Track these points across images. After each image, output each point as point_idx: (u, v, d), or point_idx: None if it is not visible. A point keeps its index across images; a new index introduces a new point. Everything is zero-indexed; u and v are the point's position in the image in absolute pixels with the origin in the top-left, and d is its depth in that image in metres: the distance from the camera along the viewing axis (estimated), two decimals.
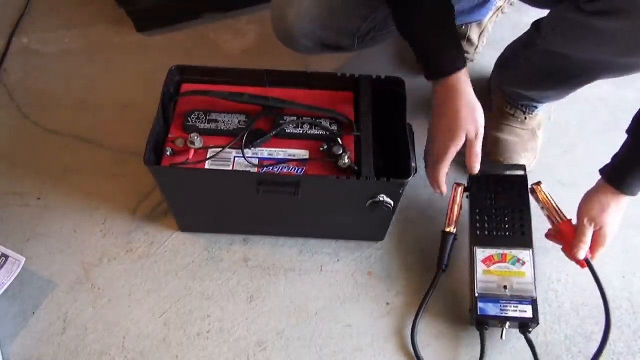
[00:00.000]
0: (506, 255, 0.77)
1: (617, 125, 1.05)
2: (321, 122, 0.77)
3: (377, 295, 0.83)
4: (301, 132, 0.76)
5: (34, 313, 0.80)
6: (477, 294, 0.75)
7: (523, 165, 0.86)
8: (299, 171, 0.73)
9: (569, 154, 1.00)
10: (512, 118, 0.94)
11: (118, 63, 1.12)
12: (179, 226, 0.88)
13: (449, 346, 0.79)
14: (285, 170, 0.73)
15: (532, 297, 0.74)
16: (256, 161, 0.73)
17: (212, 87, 0.79)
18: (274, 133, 0.75)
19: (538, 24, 0.80)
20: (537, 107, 0.94)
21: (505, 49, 0.96)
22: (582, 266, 0.75)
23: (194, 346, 0.78)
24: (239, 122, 0.76)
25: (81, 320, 0.80)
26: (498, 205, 0.81)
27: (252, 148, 0.74)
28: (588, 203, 0.74)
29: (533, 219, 0.80)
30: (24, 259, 0.80)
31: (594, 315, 0.82)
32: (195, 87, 0.79)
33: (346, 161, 0.71)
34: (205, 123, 0.76)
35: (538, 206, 0.81)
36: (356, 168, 0.72)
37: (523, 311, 0.73)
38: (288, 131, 0.76)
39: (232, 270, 0.85)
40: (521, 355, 0.78)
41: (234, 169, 0.73)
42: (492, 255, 0.77)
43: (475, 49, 1.07)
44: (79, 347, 0.77)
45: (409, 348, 0.78)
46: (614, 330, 0.80)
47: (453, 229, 0.81)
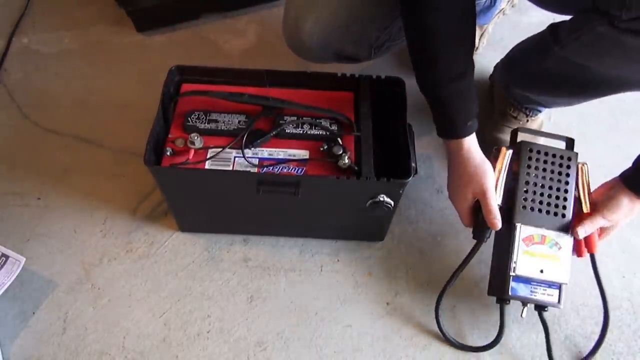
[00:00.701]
0: (545, 237, 0.74)
1: (617, 125, 1.06)
2: (321, 122, 0.77)
3: (377, 295, 0.83)
4: (301, 132, 0.76)
5: (34, 313, 0.80)
6: (513, 274, 0.73)
7: (572, 139, 0.82)
8: (299, 171, 0.73)
9: None
10: (514, 120, 0.94)
11: (118, 63, 1.12)
12: (179, 226, 0.88)
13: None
14: (285, 170, 0.73)
15: (562, 283, 0.73)
16: (256, 161, 0.73)
17: (212, 87, 0.79)
18: (274, 133, 0.75)
19: (556, 30, 0.75)
20: (541, 111, 0.94)
21: (512, 50, 0.92)
22: (580, 255, 0.75)
23: (194, 346, 0.78)
24: (239, 122, 0.76)
25: (81, 320, 0.80)
26: (545, 182, 0.76)
27: (252, 148, 0.74)
28: (609, 201, 0.73)
29: None
30: (24, 259, 0.80)
31: (594, 315, 0.82)
32: (195, 87, 0.79)
33: (346, 161, 0.71)
34: (205, 123, 0.76)
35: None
36: (356, 168, 0.72)
37: (550, 295, 0.73)
38: (288, 131, 0.76)
39: (232, 270, 0.85)
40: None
41: (234, 169, 0.73)
42: (533, 235, 0.74)
43: (475, 50, 1.07)
44: (79, 347, 0.77)
45: (409, 348, 0.78)
46: (614, 330, 0.81)
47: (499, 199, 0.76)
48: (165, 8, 1.13)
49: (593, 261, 0.76)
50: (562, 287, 0.73)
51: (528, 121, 0.94)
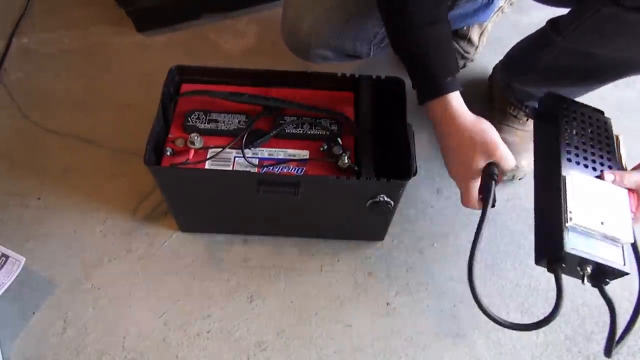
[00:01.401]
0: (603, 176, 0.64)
1: (617, 125, 1.05)
2: (321, 122, 0.77)
3: (377, 295, 0.83)
4: (301, 132, 0.76)
5: (34, 313, 0.80)
6: (569, 224, 0.60)
7: (603, 112, 0.74)
8: (299, 171, 0.73)
9: None
10: (514, 119, 0.94)
11: (118, 63, 1.12)
12: (179, 226, 0.88)
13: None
14: (285, 170, 0.73)
15: (625, 242, 0.61)
16: (256, 161, 0.73)
17: (212, 87, 0.79)
18: (274, 133, 0.75)
19: (556, 23, 0.75)
20: None
21: (512, 49, 0.93)
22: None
23: (194, 346, 0.78)
24: (239, 122, 0.76)
25: (81, 320, 0.80)
26: (586, 137, 0.68)
27: (252, 148, 0.74)
28: None
29: None
30: (24, 259, 0.80)
31: (594, 315, 0.82)
32: (195, 87, 0.79)
33: (346, 161, 0.71)
34: (205, 123, 0.76)
35: None
36: (356, 168, 0.72)
37: (615, 255, 0.60)
38: (288, 131, 0.76)
39: (232, 270, 0.85)
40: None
41: (234, 169, 0.73)
42: (584, 184, 0.63)
43: (475, 49, 1.07)
44: (79, 347, 0.77)
45: (409, 348, 0.78)
46: None
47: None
48: (165, 8, 1.13)
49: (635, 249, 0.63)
50: (625, 249, 0.60)
51: (528, 120, 0.94)
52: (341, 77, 0.80)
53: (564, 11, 0.73)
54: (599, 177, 0.64)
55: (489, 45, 1.10)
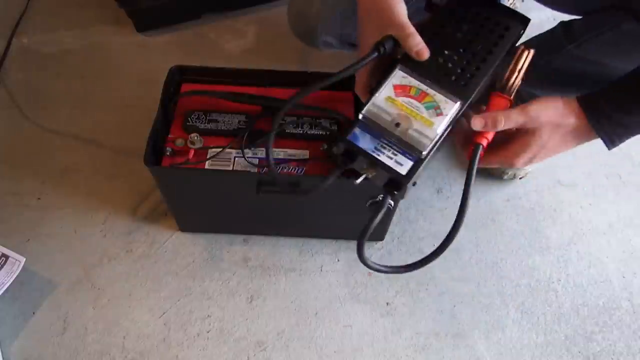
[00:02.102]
0: (426, 95, 0.56)
1: None
2: (321, 122, 0.77)
3: (377, 295, 0.83)
4: (301, 132, 0.76)
5: (34, 313, 0.80)
6: (362, 116, 0.56)
7: (528, 19, 0.66)
8: (299, 171, 0.73)
9: (569, 154, 1.00)
10: None
11: (118, 63, 1.12)
12: (179, 226, 0.88)
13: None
14: (285, 170, 0.73)
15: (421, 154, 0.54)
16: (256, 161, 0.73)
17: (212, 87, 0.79)
18: (274, 133, 0.75)
19: (568, 28, 0.72)
20: None
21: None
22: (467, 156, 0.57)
23: (194, 346, 0.78)
24: (239, 122, 0.76)
25: (81, 320, 0.80)
26: (461, 39, 0.59)
27: (252, 148, 0.74)
28: (539, 100, 0.57)
29: None
30: (24, 259, 0.80)
31: (594, 315, 0.82)
32: (195, 87, 0.79)
33: None
34: (205, 123, 0.76)
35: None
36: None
37: (399, 163, 0.54)
38: (288, 131, 0.76)
39: (232, 270, 0.85)
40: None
41: (234, 169, 0.73)
42: (411, 87, 0.56)
43: None
44: (79, 347, 0.77)
45: (409, 348, 0.78)
46: (614, 330, 0.81)
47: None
48: (165, 8, 1.13)
49: (474, 154, 0.55)
50: (420, 163, 0.54)
51: None
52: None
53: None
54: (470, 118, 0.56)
55: None
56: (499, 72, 0.58)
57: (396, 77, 0.57)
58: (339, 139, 0.57)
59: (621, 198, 0.95)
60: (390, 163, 0.55)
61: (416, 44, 0.55)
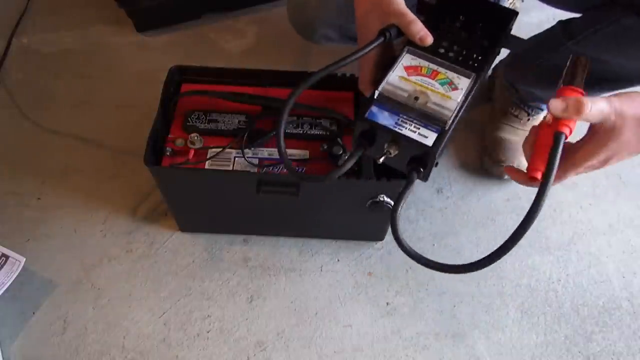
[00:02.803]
0: (438, 73, 0.56)
1: None
2: (321, 122, 0.77)
3: (377, 295, 0.83)
4: (301, 132, 0.76)
5: (34, 313, 0.80)
6: (377, 94, 0.54)
7: (516, 12, 0.63)
8: (299, 171, 0.73)
9: None
10: (515, 119, 0.94)
11: (118, 63, 1.12)
12: (179, 226, 0.88)
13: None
14: (285, 170, 0.73)
15: (445, 125, 0.53)
16: (256, 161, 0.73)
17: (212, 87, 0.79)
18: (274, 133, 0.75)
19: (567, 26, 0.72)
20: (543, 109, 0.94)
21: None
22: (533, 179, 0.52)
23: (194, 346, 0.78)
24: (239, 122, 0.76)
25: (81, 320, 0.80)
26: (460, 28, 0.60)
27: (252, 148, 0.74)
28: (621, 94, 0.51)
29: None
30: (24, 259, 0.80)
31: (594, 315, 0.82)
32: (195, 87, 0.79)
33: None
34: (205, 123, 0.76)
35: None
36: (356, 168, 0.72)
37: (423, 136, 0.52)
38: (288, 131, 0.76)
39: (232, 270, 0.85)
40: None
41: (234, 169, 0.73)
42: (422, 67, 0.56)
43: None
44: (79, 347, 0.77)
45: (409, 348, 0.78)
46: (614, 330, 0.81)
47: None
48: (165, 8, 1.13)
49: (556, 143, 0.48)
50: (444, 135, 0.52)
51: (529, 120, 0.94)
52: (341, 77, 0.80)
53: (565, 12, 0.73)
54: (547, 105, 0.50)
55: None
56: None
57: (405, 59, 0.57)
58: (358, 119, 0.55)
59: (621, 198, 0.95)
60: (414, 136, 0.52)
61: (418, 30, 0.55)
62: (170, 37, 1.16)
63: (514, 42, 0.61)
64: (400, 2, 0.56)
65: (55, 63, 1.11)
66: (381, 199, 0.73)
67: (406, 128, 0.53)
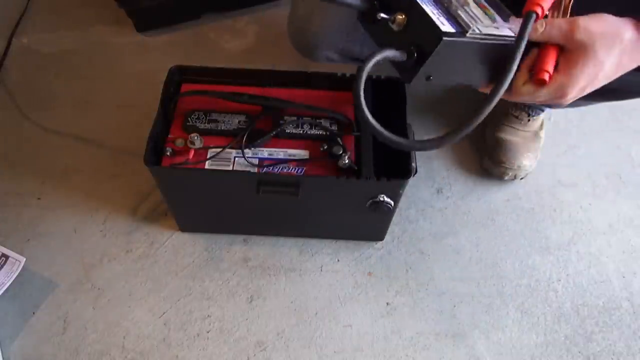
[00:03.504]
0: (486, 8, 0.52)
1: (617, 125, 1.06)
2: (321, 122, 0.77)
3: (377, 295, 0.83)
4: (301, 132, 0.76)
5: (34, 313, 0.80)
6: None
7: None
8: (299, 171, 0.73)
9: (569, 154, 1.00)
10: (515, 120, 0.94)
11: (118, 63, 1.12)
12: (179, 226, 0.88)
13: None
14: (285, 170, 0.73)
15: (467, 31, 0.48)
16: (256, 161, 0.73)
17: (212, 87, 0.79)
18: (274, 133, 0.75)
19: None
20: (543, 110, 0.94)
21: None
22: (540, 82, 0.51)
23: (194, 346, 0.78)
24: (239, 122, 0.76)
25: (81, 320, 0.80)
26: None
27: (252, 148, 0.74)
28: (590, 16, 0.49)
29: None
30: (24, 259, 0.80)
31: (594, 315, 0.82)
32: (195, 87, 0.79)
33: (346, 161, 0.71)
34: (205, 123, 0.76)
35: None
36: (356, 168, 0.72)
37: (441, 22, 0.47)
38: (288, 131, 0.76)
39: (232, 270, 0.85)
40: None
41: (234, 169, 0.73)
42: None
43: None
44: (79, 347, 0.77)
45: (409, 348, 0.78)
46: (614, 330, 0.81)
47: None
48: (165, 8, 1.13)
49: (525, 23, 0.47)
50: (461, 37, 0.48)
51: (529, 120, 0.94)
52: (341, 77, 0.80)
53: None
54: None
55: None
56: None
57: None
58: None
59: (621, 198, 0.95)
60: (432, 16, 0.47)
61: None
62: (170, 37, 1.16)
63: None
64: None
65: (55, 63, 1.11)
66: (381, 199, 0.73)
67: (428, 7, 0.48)
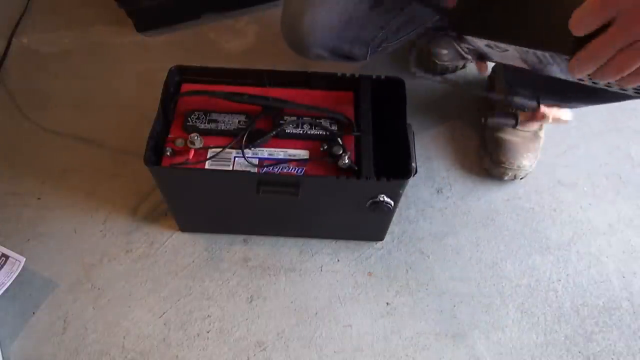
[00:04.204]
0: None
1: (617, 125, 1.06)
2: (321, 122, 0.77)
3: (377, 295, 0.83)
4: (301, 132, 0.76)
5: (34, 313, 0.80)
6: None
7: None
8: (299, 171, 0.73)
9: (569, 154, 1.00)
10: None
11: (118, 63, 1.12)
12: (179, 226, 0.88)
13: None
14: (285, 170, 0.73)
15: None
16: (256, 161, 0.73)
17: (212, 87, 0.79)
18: (274, 133, 0.75)
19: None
20: None
21: None
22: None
23: (194, 346, 0.78)
24: (239, 122, 0.76)
25: (81, 320, 0.80)
26: None
27: (252, 148, 0.74)
28: None
29: None
30: (24, 259, 0.80)
31: (594, 315, 0.82)
32: (195, 87, 0.79)
33: (346, 161, 0.71)
34: (205, 123, 0.76)
35: None
36: (356, 168, 0.72)
37: None
38: (288, 131, 0.76)
39: (232, 270, 0.85)
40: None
41: (234, 169, 0.73)
42: None
43: None
44: (79, 347, 0.77)
45: (409, 348, 0.78)
46: (614, 330, 0.81)
47: None
48: (165, 8, 1.13)
49: None
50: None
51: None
52: (341, 77, 0.80)
53: None
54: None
55: None
56: None
57: None
58: None
59: (621, 198, 0.95)
60: None
61: None
62: (170, 37, 1.16)
63: None
64: None
65: (55, 63, 1.11)
66: (381, 199, 0.73)
67: None
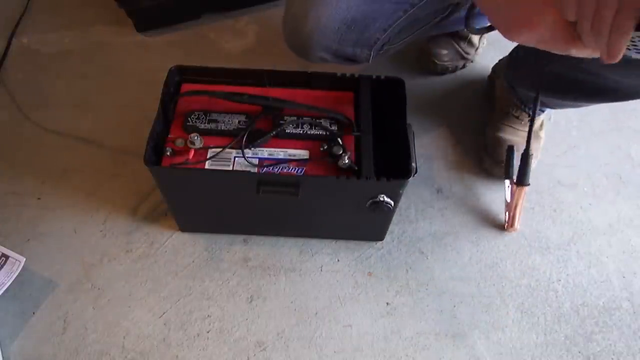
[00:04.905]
0: None
1: (617, 125, 1.06)
2: (321, 122, 0.77)
3: (377, 295, 0.83)
4: (301, 132, 0.76)
5: (34, 313, 0.80)
6: None
7: None
8: (299, 171, 0.73)
9: (569, 154, 1.00)
10: (516, 120, 0.94)
11: (118, 63, 1.12)
12: (179, 226, 0.88)
13: None
14: (285, 170, 0.73)
15: None
16: (256, 161, 0.73)
17: (212, 87, 0.79)
18: (274, 133, 0.75)
19: None
20: (544, 111, 0.93)
21: (515, 49, 0.90)
22: None
23: (194, 346, 0.78)
24: (239, 122, 0.76)
25: (81, 320, 0.80)
26: None
27: (252, 148, 0.74)
28: None
29: None
30: (24, 259, 0.80)
31: (594, 315, 0.82)
32: (195, 87, 0.79)
33: (346, 161, 0.71)
34: (205, 123, 0.76)
35: None
36: (356, 168, 0.72)
37: None
38: (288, 131, 0.76)
39: (232, 270, 0.85)
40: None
41: (234, 169, 0.73)
42: None
43: (475, 50, 1.07)
44: (79, 347, 0.77)
45: (409, 348, 0.78)
46: (614, 330, 0.81)
47: None
48: (165, 8, 1.13)
49: None
50: None
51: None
52: (341, 77, 0.80)
53: None
54: None
55: (489, 45, 1.10)
56: None
57: None
58: None
59: (621, 198, 0.95)
60: None
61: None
62: (170, 37, 1.16)
63: None
64: None
65: (55, 63, 1.11)
66: (381, 199, 0.73)
67: None
